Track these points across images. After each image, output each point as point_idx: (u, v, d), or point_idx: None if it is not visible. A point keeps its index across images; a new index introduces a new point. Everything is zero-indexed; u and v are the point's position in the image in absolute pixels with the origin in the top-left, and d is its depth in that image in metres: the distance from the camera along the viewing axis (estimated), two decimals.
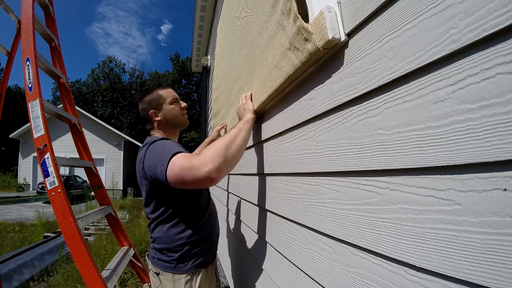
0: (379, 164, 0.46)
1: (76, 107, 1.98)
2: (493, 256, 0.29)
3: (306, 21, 0.65)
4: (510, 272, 0.28)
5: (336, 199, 0.59)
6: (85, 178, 12.90)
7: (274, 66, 0.83)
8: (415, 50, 0.39)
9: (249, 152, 1.31)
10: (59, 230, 2.81)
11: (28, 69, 1.28)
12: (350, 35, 0.54)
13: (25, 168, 15.06)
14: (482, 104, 0.30)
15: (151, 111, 1.07)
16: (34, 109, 1.23)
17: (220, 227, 1.22)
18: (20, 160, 15.06)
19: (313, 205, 0.69)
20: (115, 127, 23.41)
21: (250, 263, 1.30)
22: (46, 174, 1.16)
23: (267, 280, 1.05)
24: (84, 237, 2.12)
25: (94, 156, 1.89)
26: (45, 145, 1.18)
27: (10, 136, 14.76)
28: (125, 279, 2.71)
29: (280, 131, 0.89)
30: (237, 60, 1.52)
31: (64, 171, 13.67)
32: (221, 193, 2.51)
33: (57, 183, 1.14)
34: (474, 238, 0.31)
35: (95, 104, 29.81)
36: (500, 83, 0.29)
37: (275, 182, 0.97)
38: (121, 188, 14.44)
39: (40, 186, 11.71)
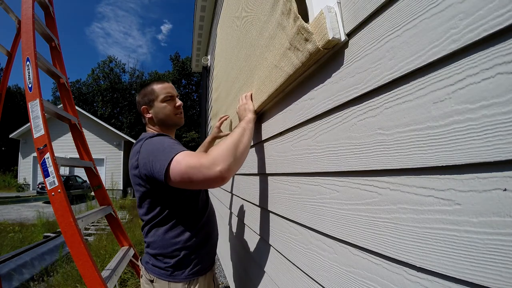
0: (379, 164, 0.46)
1: (76, 107, 1.98)
2: (493, 256, 0.29)
3: (306, 21, 0.65)
4: (510, 272, 0.28)
5: (336, 199, 0.59)
6: (85, 178, 12.90)
7: (274, 66, 0.83)
8: (415, 50, 0.39)
9: (249, 152, 1.31)
10: (59, 230, 2.81)
11: (28, 69, 1.28)
12: (350, 35, 0.54)
13: (25, 168, 15.06)
14: (482, 104, 0.30)
15: (143, 106, 1.01)
16: (34, 109, 1.23)
17: (222, 228, 1.19)
18: (20, 160, 15.06)
19: (313, 205, 0.69)
20: (115, 127, 23.42)
21: (250, 263, 1.30)
22: (46, 174, 1.16)
23: (267, 280, 1.05)
24: (84, 237, 2.12)
25: (94, 156, 1.89)
26: (45, 145, 1.18)
27: (10, 136, 14.75)
28: (125, 279, 2.71)
29: (280, 131, 0.89)
30: (237, 60, 1.52)
31: (64, 171, 13.67)
32: (221, 193, 2.51)
33: (57, 183, 1.14)
34: (474, 238, 0.31)
35: (95, 104, 29.82)
36: (500, 83, 0.29)
37: (275, 182, 0.97)
38: (121, 188, 14.44)
39: (40, 186, 11.71)
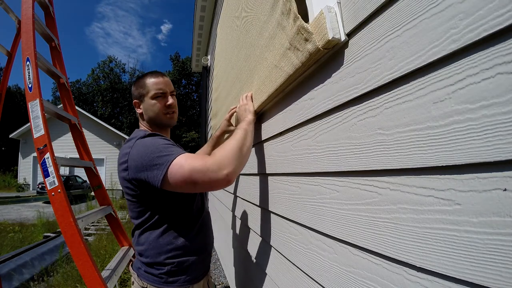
0: (379, 164, 0.46)
1: (76, 107, 1.98)
2: (493, 256, 0.29)
3: (306, 21, 0.65)
4: (510, 272, 0.28)
5: (336, 199, 0.59)
6: (85, 178, 12.90)
7: (274, 66, 0.83)
8: (415, 50, 0.39)
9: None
10: (59, 230, 2.81)
11: (28, 69, 1.28)
12: (350, 35, 0.54)
13: (25, 168, 15.06)
14: (482, 104, 0.30)
15: (135, 100, 0.96)
16: (34, 109, 1.23)
17: (222, 228, 1.18)
18: (20, 160, 15.06)
19: (313, 205, 0.69)
20: (115, 127, 23.41)
21: (250, 263, 1.30)
22: (46, 174, 1.16)
23: (267, 280, 1.05)
24: (84, 237, 2.13)
25: (94, 156, 1.89)
26: (45, 145, 1.18)
27: (10, 136, 14.76)
28: (125, 279, 2.71)
29: (280, 131, 0.89)
30: (237, 60, 1.52)
31: (64, 171, 13.67)
32: (221, 193, 2.51)
33: (57, 183, 1.14)
34: (474, 238, 0.31)
35: (95, 104, 29.83)
36: (500, 83, 0.29)
37: (275, 182, 0.97)
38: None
39: (40, 186, 11.72)
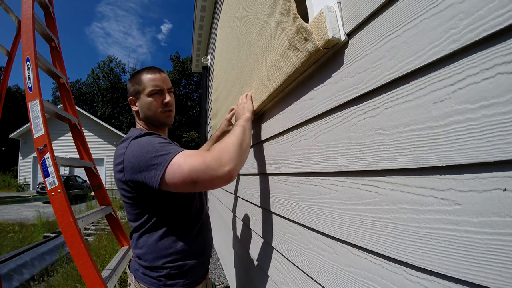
0: (379, 164, 0.46)
1: (76, 107, 1.98)
2: (493, 256, 0.29)
3: (306, 21, 0.65)
4: (510, 272, 0.28)
5: (336, 199, 0.59)
6: (85, 178, 12.90)
7: (274, 66, 0.83)
8: (415, 50, 0.39)
9: (249, 152, 1.31)
10: (59, 230, 2.81)
11: (28, 69, 1.28)
12: (350, 35, 0.54)
13: (25, 168, 15.07)
14: (482, 104, 0.30)
15: (130, 97, 0.92)
16: (34, 109, 1.23)
17: (222, 228, 1.17)
18: (20, 160, 15.07)
19: (313, 205, 0.69)
20: (115, 127, 23.42)
21: (250, 263, 1.30)
22: (46, 174, 1.16)
23: (267, 280, 1.05)
24: (84, 237, 2.13)
25: (94, 156, 1.89)
26: (45, 145, 1.18)
27: (10, 136, 14.77)
28: (125, 279, 2.71)
29: (280, 131, 0.89)
30: (237, 60, 1.52)
31: (64, 171, 13.67)
32: (221, 193, 2.51)
33: (57, 183, 1.14)
34: (474, 238, 0.31)
35: (95, 104, 29.83)
36: (500, 83, 0.29)
37: (275, 182, 0.97)
38: None
39: (40, 186, 11.71)
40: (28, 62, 1.29)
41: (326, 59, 0.62)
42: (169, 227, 0.84)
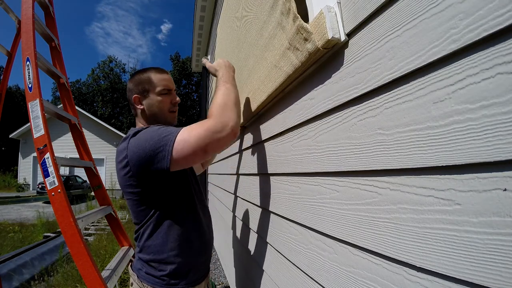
0: (379, 164, 0.46)
1: (76, 107, 1.98)
2: (493, 256, 0.29)
3: (306, 21, 0.65)
4: (510, 272, 0.28)
5: (336, 199, 0.59)
6: (85, 178, 12.90)
7: (274, 66, 0.83)
8: (415, 50, 0.39)
9: (249, 152, 1.31)
10: (59, 230, 2.81)
11: (28, 69, 1.28)
12: (350, 35, 0.54)
13: (25, 168, 15.07)
14: (482, 104, 0.30)
15: (135, 95, 0.90)
16: (34, 109, 1.23)
17: (222, 228, 1.17)
18: (20, 160, 15.07)
19: (313, 205, 0.69)
20: (115, 127, 23.42)
21: (250, 263, 1.30)
22: (46, 174, 1.16)
23: (267, 280, 1.05)
24: (84, 237, 2.13)
25: (94, 156, 1.89)
26: (45, 145, 1.18)
27: (10, 136, 14.76)
28: (125, 279, 2.71)
29: (280, 131, 0.89)
30: (237, 60, 1.52)
31: (64, 171, 13.67)
32: (221, 193, 2.51)
33: (57, 183, 1.14)
34: (474, 238, 0.31)
35: (95, 104, 29.80)
36: (500, 83, 0.29)
37: (275, 182, 0.97)
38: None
39: (40, 186, 11.71)
40: (28, 62, 1.29)
41: (326, 59, 0.62)
42: (174, 223, 0.85)
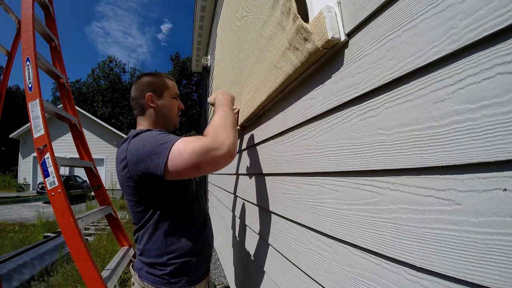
0: (379, 164, 0.46)
1: (76, 107, 1.98)
2: (493, 256, 0.29)
3: (306, 21, 0.65)
4: (510, 272, 0.28)
5: (336, 199, 0.59)
6: (85, 178, 12.90)
7: (274, 66, 0.83)
8: (415, 50, 0.39)
9: (249, 152, 1.31)
10: (59, 230, 2.80)
11: (28, 69, 1.28)
12: (350, 35, 0.54)
13: (25, 168, 15.07)
14: (482, 104, 0.30)
15: (149, 93, 0.92)
16: (34, 109, 1.23)
17: (222, 228, 1.17)
18: (20, 160, 15.07)
19: (313, 205, 0.69)
20: (115, 127, 23.39)
21: (250, 263, 1.30)
22: (46, 174, 1.16)
23: (267, 280, 1.05)
24: (84, 237, 2.12)
25: (94, 156, 1.89)
26: (45, 145, 1.18)
27: (10, 136, 14.76)
28: (125, 279, 2.71)
29: (280, 131, 0.89)
30: (237, 60, 1.52)
31: (64, 171, 13.67)
32: (221, 193, 2.51)
33: (57, 183, 1.14)
34: (474, 238, 0.31)
35: (95, 104, 29.79)
36: (500, 83, 0.29)
37: (275, 182, 0.97)
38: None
39: (40, 186, 11.72)
40: (28, 62, 1.29)
41: (326, 59, 0.62)
42: (172, 225, 0.86)
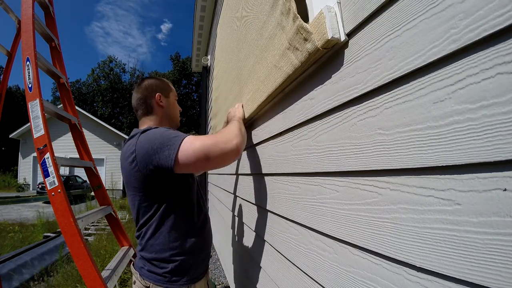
0: (379, 164, 0.46)
1: (76, 107, 1.98)
2: (493, 256, 0.29)
3: (306, 21, 0.65)
4: (510, 272, 0.28)
5: (336, 199, 0.59)
6: (85, 178, 12.90)
7: (274, 66, 0.83)
8: (415, 50, 0.39)
9: (249, 152, 1.31)
10: (59, 230, 2.80)
11: (28, 69, 1.28)
12: (350, 35, 0.54)
13: (25, 168, 15.06)
14: (482, 104, 0.30)
15: (158, 93, 0.98)
16: (34, 109, 1.23)
17: (223, 228, 1.18)
18: (20, 160, 15.06)
19: (313, 205, 0.69)
20: (115, 127, 23.40)
21: (250, 263, 1.30)
22: (46, 174, 1.16)
23: (267, 280, 1.05)
24: (84, 237, 2.12)
25: (94, 156, 1.88)
26: (45, 145, 1.18)
27: (10, 136, 14.75)
28: (125, 279, 2.71)
29: (280, 131, 0.89)
30: (237, 60, 1.52)
31: (64, 171, 13.67)
32: (221, 194, 2.51)
33: (57, 183, 1.14)
34: (474, 238, 0.31)
35: (95, 104, 29.78)
36: (500, 83, 0.29)
37: (275, 182, 0.97)
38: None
39: (40, 186, 11.71)
40: (28, 62, 1.29)
41: (326, 59, 0.62)
42: (176, 220, 0.88)
